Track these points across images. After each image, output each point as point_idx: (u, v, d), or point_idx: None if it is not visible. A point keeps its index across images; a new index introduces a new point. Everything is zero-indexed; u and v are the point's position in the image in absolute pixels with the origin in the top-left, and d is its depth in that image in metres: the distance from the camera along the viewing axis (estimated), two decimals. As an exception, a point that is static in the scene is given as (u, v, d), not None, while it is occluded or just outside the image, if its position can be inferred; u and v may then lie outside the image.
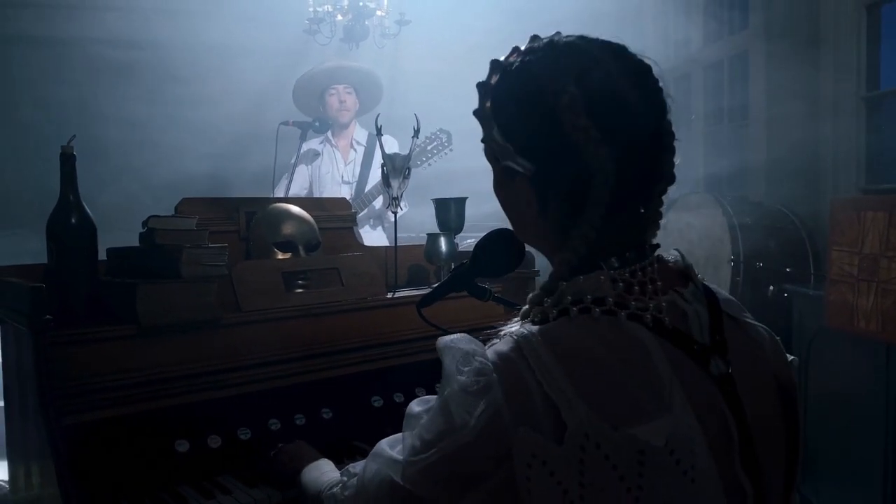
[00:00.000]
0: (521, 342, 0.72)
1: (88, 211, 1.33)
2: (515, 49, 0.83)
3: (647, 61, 0.79)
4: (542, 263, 1.89)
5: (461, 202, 1.83)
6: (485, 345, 0.77)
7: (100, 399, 1.20)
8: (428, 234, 1.77)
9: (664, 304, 0.75)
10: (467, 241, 3.11)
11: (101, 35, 4.42)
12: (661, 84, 0.78)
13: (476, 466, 0.70)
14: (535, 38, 0.82)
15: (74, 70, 4.39)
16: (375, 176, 3.40)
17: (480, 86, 0.84)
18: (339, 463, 1.30)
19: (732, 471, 0.73)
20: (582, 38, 0.79)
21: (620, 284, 0.75)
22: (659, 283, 0.77)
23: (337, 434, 1.40)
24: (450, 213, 1.81)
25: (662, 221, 0.83)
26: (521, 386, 0.70)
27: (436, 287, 1.22)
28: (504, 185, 0.83)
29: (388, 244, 2.97)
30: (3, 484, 2.55)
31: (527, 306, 0.79)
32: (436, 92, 3.78)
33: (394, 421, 1.41)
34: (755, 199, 3.36)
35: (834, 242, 2.26)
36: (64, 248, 1.31)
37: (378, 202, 3.35)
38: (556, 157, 0.76)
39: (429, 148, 3.18)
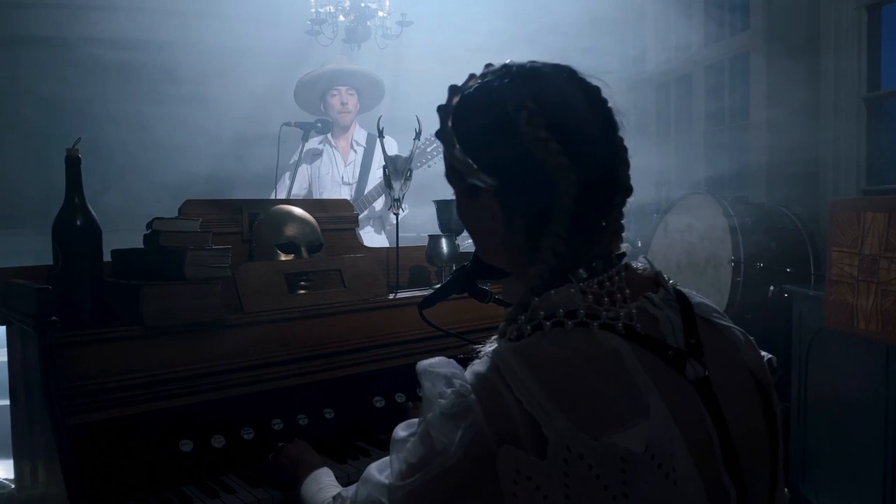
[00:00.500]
0: (497, 361, 0.74)
1: (93, 213, 1.35)
2: (472, 75, 0.87)
3: (594, 82, 0.83)
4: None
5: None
6: (466, 363, 0.79)
7: (105, 399, 1.22)
8: (429, 236, 1.78)
9: (634, 311, 0.77)
10: (468, 241, 3.13)
11: (104, 35, 4.44)
12: (609, 104, 0.83)
13: (463, 487, 0.72)
14: (489, 65, 0.87)
15: (78, 70, 4.40)
16: (375, 177, 3.40)
17: (441, 109, 0.87)
18: (342, 462, 1.32)
19: (715, 472, 0.74)
20: (533, 62, 0.84)
21: (590, 296, 0.77)
22: (627, 291, 0.79)
23: (339, 434, 1.42)
24: (451, 214, 1.82)
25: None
26: (501, 404, 0.71)
27: (437, 289, 1.23)
28: (468, 204, 0.86)
29: (387, 246, 2.98)
30: (6, 482, 2.57)
31: (502, 324, 0.81)
32: (437, 93, 3.78)
33: (395, 421, 1.42)
34: (755, 199, 3.37)
35: (834, 243, 2.27)
36: (69, 250, 1.32)
37: (378, 203, 3.36)
38: (518, 170, 0.78)
39: (428, 149, 3.18)
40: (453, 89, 0.87)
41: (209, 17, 4.41)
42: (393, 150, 1.74)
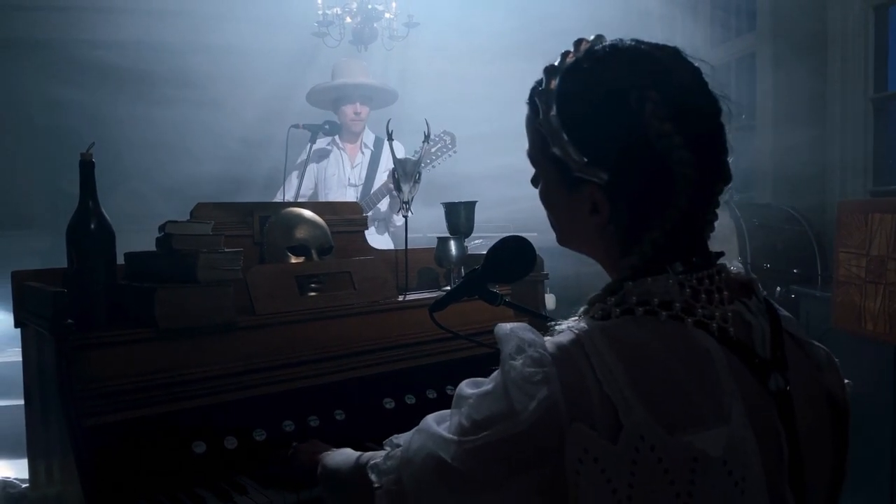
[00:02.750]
0: (582, 337, 0.72)
1: (107, 217, 1.36)
2: (567, 52, 0.80)
3: (697, 63, 0.79)
4: (550, 266, 1.91)
5: (471, 206, 1.85)
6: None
7: (120, 401, 1.23)
8: (438, 238, 1.79)
9: (730, 314, 0.75)
10: (475, 242, 3.14)
11: (111, 38, 4.47)
12: (710, 86, 0.78)
13: (527, 455, 0.70)
14: (581, 41, 0.80)
15: (84, 73, 4.43)
16: (382, 179, 3.41)
17: (541, 93, 0.80)
18: (353, 464, 1.33)
19: (780, 487, 0.73)
20: (640, 42, 0.79)
21: (687, 290, 0.74)
22: (726, 293, 0.76)
23: (350, 435, 1.42)
24: (460, 216, 1.83)
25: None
26: (580, 381, 0.69)
27: (448, 292, 1.24)
28: (562, 194, 0.81)
29: (391, 248, 2.99)
30: (16, 482, 2.59)
31: (586, 305, 0.79)
32: (443, 94, 3.80)
33: (405, 422, 1.44)
34: (762, 200, 3.37)
35: (841, 244, 2.27)
36: (84, 253, 1.34)
37: (383, 205, 3.37)
38: (638, 165, 0.74)
39: (433, 150, 3.19)
40: (551, 70, 0.80)
41: (217, 19, 4.43)
42: (400, 153, 1.74)
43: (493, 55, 3.71)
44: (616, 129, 0.74)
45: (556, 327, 0.77)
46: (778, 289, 2.77)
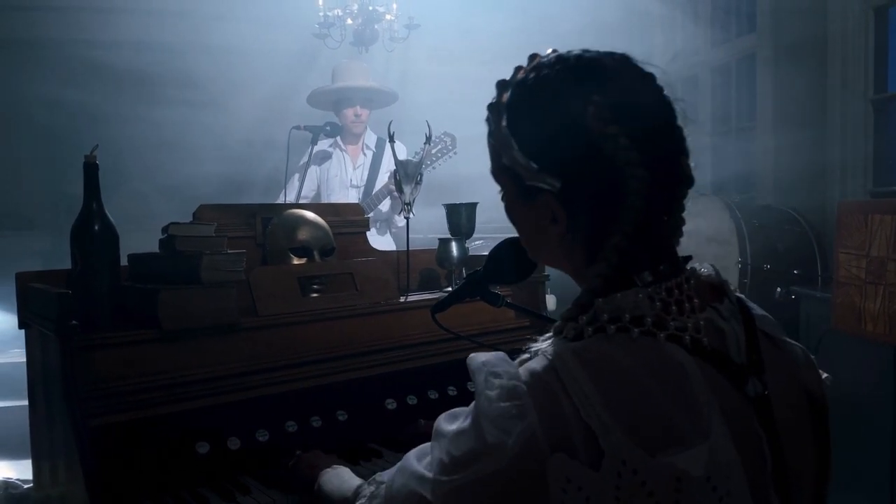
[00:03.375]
0: (556, 363, 0.71)
1: (111, 218, 1.37)
2: (519, 68, 0.82)
3: (648, 68, 0.79)
4: (552, 270, 1.92)
5: (472, 207, 1.86)
6: (513, 358, 0.76)
7: (124, 402, 1.24)
8: (439, 239, 1.79)
9: (702, 322, 0.74)
10: (476, 243, 3.14)
11: (113, 38, 4.47)
12: (665, 91, 0.78)
13: (509, 491, 0.69)
14: (535, 56, 0.81)
15: (86, 73, 4.44)
16: (383, 181, 3.42)
17: (492, 107, 0.82)
18: (355, 464, 1.34)
19: (765, 492, 0.72)
20: (587, 51, 0.79)
21: (658, 303, 0.74)
22: (696, 301, 0.76)
23: (352, 436, 1.43)
24: (461, 217, 1.83)
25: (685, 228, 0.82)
26: (557, 411, 0.69)
27: (450, 293, 1.25)
28: (522, 206, 0.82)
29: (393, 249, 3.00)
30: (19, 482, 2.60)
31: (559, 322, 0.78)
32: (444, 95, 3.81)
33: (407, 423, 1.46)
34: (763, 201, 3.37)
35: (841, 245, 2.27)
36: (87, 255, 1.35)
37: (384, 205, 3.38)
38: (586, 169, 0.75)
39: (433, 151, 3.20)
40: (502, 84, 0.82)
41: (219, 19, 4.44)
42: (402, 154, 1.75)
43: (494, 56, 3.72)
44: (562, 134, 0.75)
45: (531, 348, 0.76)
46: (778, 289, 2.78)
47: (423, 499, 0.74)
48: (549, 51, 0.82)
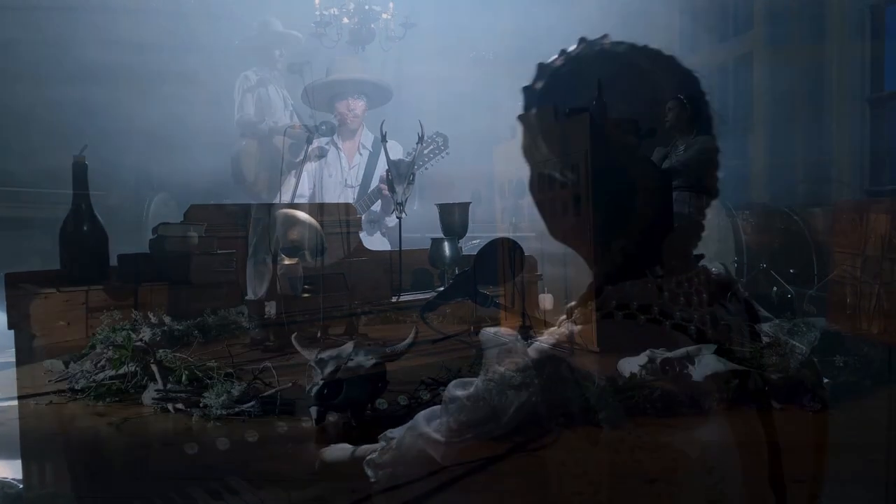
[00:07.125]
0: (563, 342, 0.75)
1: (100, 219, 1.36)
2: (563, 52, 0.83)
3: (694, 74, 0.78)
4: (550, 267, 1.91)
5: (465, 207, 1.85)
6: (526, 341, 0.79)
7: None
8: (432, 239, 1.79)
9: (708, 316, 0.77)
10: (470, 243, 3.14)
11: (113, 38, 4.46)
12: (707, 98, 0.79)
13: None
14: (583, 40, 0.82)
15: (85, 72, 4.43)
16: (378, 180, 3.41)
17: (526, 90, 0.83)
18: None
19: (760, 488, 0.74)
20: (633, 47, 0.80)
21: (666, 294, 0.76)
22: (704, 295, 0.78)
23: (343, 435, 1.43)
24: (454, 217, 1.83)
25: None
26: (560, 385, 0.72)
27: (439, 293, 1.25)
28: (541, 191, 0.84)
29: (387, 248, 2.99)
30: (14, 482, 2.59)
31: (570, 306, 0.80)
32: (439, 95, 3.80)
33: (398, 423, 1.45)
34: (759, 200, 3.37)
35: (837, 244, 2.27)
36: (76, 255, 1.34)
37: (378, 206, 3.37)
38: (605, 168, 0.76)
39: (426, 152, 3.19)
40: (542, 69, 0.83)
41: (216, 18, 4.43)
42: (398, 153, 1.75)
43: (491, 54, 3.72)
44: (585, 132, 0.77)
45: (542, 332, 0.79)
46: (774, 289, 2.77)
47: (431, 458, 0.77)
48: (602, 37, 0.82)
